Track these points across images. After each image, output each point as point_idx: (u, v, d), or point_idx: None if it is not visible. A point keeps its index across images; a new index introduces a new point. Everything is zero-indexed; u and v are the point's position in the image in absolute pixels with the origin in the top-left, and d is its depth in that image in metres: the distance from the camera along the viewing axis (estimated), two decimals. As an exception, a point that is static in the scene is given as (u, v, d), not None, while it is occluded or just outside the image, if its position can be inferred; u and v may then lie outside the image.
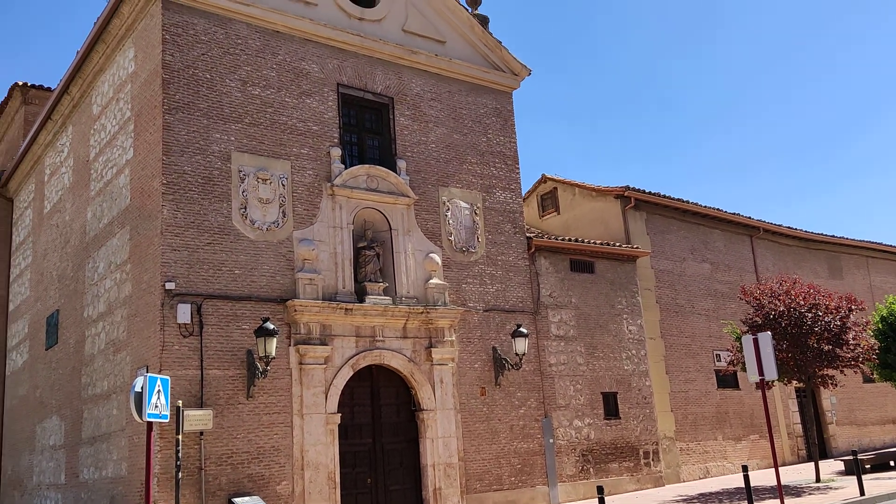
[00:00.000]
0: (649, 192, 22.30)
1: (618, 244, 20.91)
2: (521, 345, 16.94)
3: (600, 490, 11.02)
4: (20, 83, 23.69)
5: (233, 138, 14.88)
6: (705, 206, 23.93)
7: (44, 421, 18.60)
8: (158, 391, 9.83)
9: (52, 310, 19.00)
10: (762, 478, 19.45)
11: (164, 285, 13.51)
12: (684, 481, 20.80)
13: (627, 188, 21.89)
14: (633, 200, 21.88)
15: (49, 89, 22.92)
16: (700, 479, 21.31)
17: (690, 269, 23.40)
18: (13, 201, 23.40)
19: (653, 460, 19.88)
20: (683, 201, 23.23)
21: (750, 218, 25.49)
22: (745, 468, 12.40)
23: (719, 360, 22.72)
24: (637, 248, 21.21)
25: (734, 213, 24.98)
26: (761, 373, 14.02)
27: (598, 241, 20.61)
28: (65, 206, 19.06)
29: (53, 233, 19.64)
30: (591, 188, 22.92)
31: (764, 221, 26.00)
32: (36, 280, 20.57)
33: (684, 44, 61.23)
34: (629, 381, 19.99)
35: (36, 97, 23.69)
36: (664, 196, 22.66)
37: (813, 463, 19.09)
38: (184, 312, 13.56)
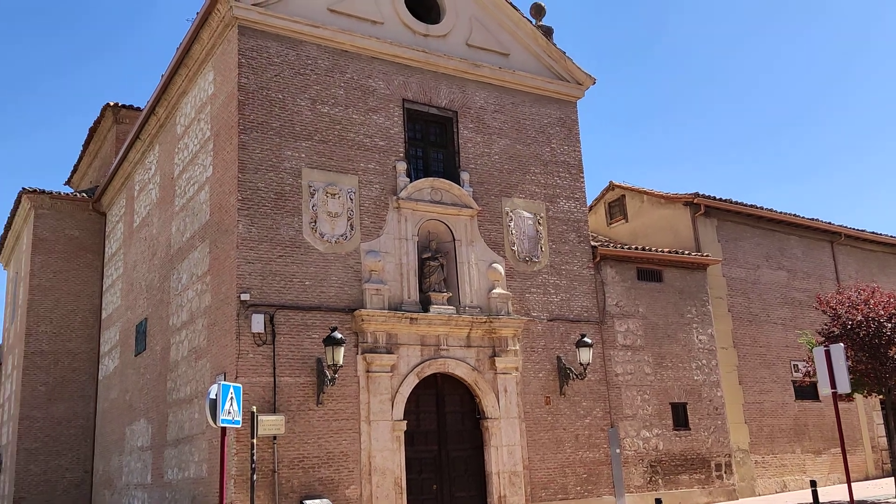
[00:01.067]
0: (720, 199, 21.95)
1: (687, 252, 20.68)
2: (585, 355, 17.01)
3: (658, 502, 11.02)
4: (111, 103, 25.22)
5: (303, 155, 15.56)
6: (781, 212, 23.36)
7: (133, 423, 19.76)
8: (231, 398, 10.45)
9: (140, 318, 20.18)
10: (842, 492, 18.85)
11: (239, 296, 14.26)
12: (759, 495, 20.35)
13: (697, 195, 21.61)
14: (702, 207, 21.59)
15: (138, 109, 24.30)
16: (777, 492, 20.79)
17: (765, 277, 22.87)
18: (106, 215, 24.92)
19: (725, 473, 19.54)
20: (757, 207, 22.75)
21: (830, 223, 24.71)
22: (813, 483, 12.20)
23: (797, 371, 22.11)
24: (707, 255, 20.91)
25: (813, 219, 24.27)
26: (833, 386, 13.69)
27: (666, 250, 20.44)
28: (152, 220, 20.23)
29: (142, 245, 20.86)
30: (660, 195, 22.71)
31: (845, 227, 25.15)
32: (126, 290, 21.87)
33: (757, 39, 59.46)
34: (699, 391, 19.72)
35: (126, 116, 25.19)
36: (736, 202, 22.25)
37: (894, 478, 18.38)
38: (258, 322, 14.27)
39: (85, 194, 25.36)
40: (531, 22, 19.33)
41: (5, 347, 28.55)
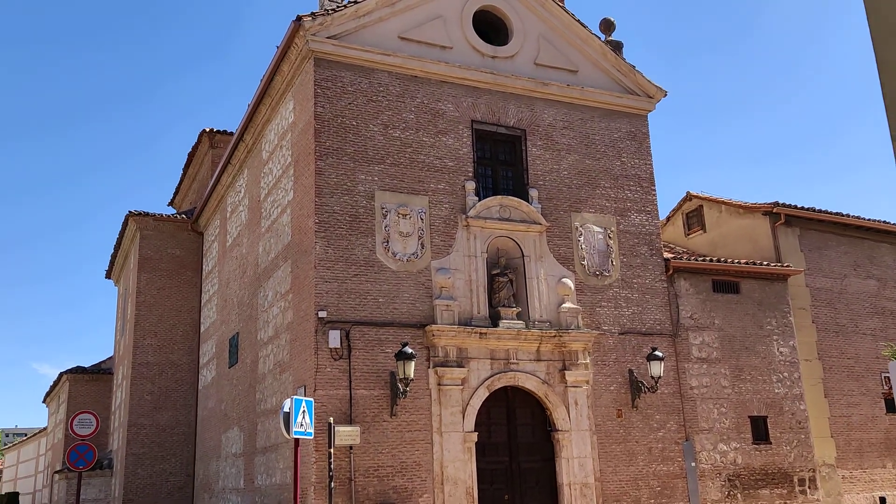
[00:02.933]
0: (802, 208, 21.44)
1: (766, 263, 20.31)
2: (656, 368, 17.06)
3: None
4: (207, 129, 26.99)
5: (376, 178, 16.36)
6: (869, 219, 22.55)
7: (227, 431, 21.09)
8: (304, 411, 11.27)
9: (233, 332, 21.54)
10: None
11: (317, 313, 15.16)
12: (847, 511, 19.73)
13: (776, 204, 21.19)
14: (782, 217, 21.14)
15: (231, 133, 25.89)
16: (868, 509, 20.09)
17: (853, 287, 22.14)
18: (203, 235, 26.62)
19: (809, 488, 19.07)
20: (842, 215, 22.06)
21: (925, 229, 23.60)
22: (882, 500, 11.88)
23: (888, 384, 21.27)
24: (788, 266, 20.47)
25: (905, 225, 23.28)
26: (911, 401, 13.31)
27: (742, 261, 20.15)
28: (242, 240, 21.57)
29: (234, 264, 22.26)
30: (738, 205, 22.37)
31: (943, 233, 23.95)
32: (221, 305, 23.35)
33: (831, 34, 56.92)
34: (780, 404, 19.33)
35: (221, 141, 26.88)
36: (819, 210, 21.67)
37: None
38: (334, 338, 15.13)
39: (184, 215, 27.17)
40: (600, 38, 19.55)
41: (116, 359, 30.83)
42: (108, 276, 32.81)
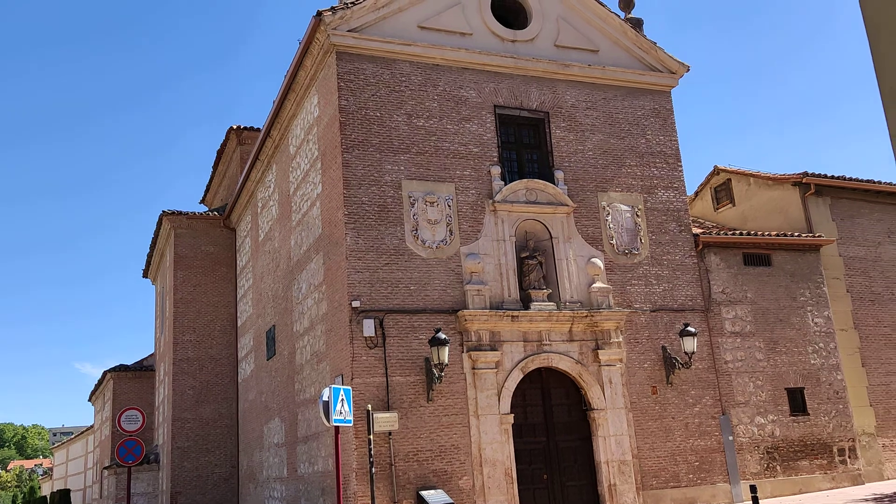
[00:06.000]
0: (831, 177, 21.21)
1: (797, 234, 20.16)
2: (689, 344, 17.10)
3: (753, 489, 11.19)
4: (235, 126, 27.35)
5: (402, 168, 16.56)
6: (902, 185, 22.22)
7: (269, 422, 21.56)
8: (342, 399, 11.55)
9: (269, 325, 21.96)
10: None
11: (350, 303, 15.44)
12: (889, 479, 19.61)
13: (806, 174, 20.99)
14: (812, 187, 20.94)
15: (258, 130, 26.22)
16: (910, 477, 19.95)
17: (888, 254, 21.88)
18: (236, 231, 27.08)
19: (849, 458, 19.00)
20: (874, 182, 21.78)
21: (961, 192, 23.19)
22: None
23: (928, 350, 21.04)
24: (820, 236, 20.30)
25: (941, 188, 22.89)
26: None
27: (773, 233, 20.02)
28: (274, 234, 21.94)
29: (267, 258, 22.66)
30: (767, 177, 22.19)
31: (980, 194, 23.51)
32: (256, 299, 23.79)
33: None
34: (817, 375, 19.25)
35: (249, 138, 27.23)
36: (850, 178, 21.42)
37: None
38: (368, 326, 15.41)
39: (216, 213, 27.64)
40: (619, 16, 19.47)
41: (157, 356, 31.56)
42: (145, 275, 33.52)
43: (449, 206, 16.63)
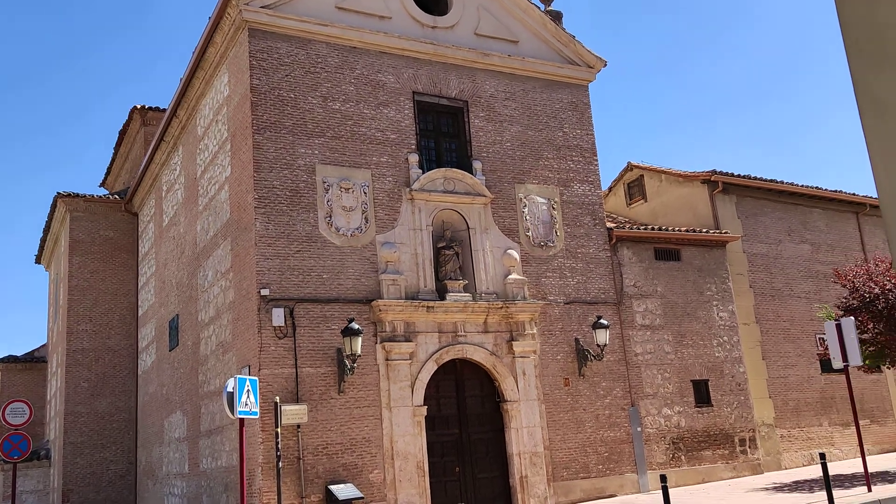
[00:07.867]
0: (738, 175, 21.88)
1: (705, 230, 20.69)
2: (601, 336, 17.24)
3: (663, 478, 11.30)
4: (138, 106, 26.00)
5: (316, 152, 15.98)
6: (802, 185, 23.18)
7: (170, 416, 20.56)
8: (248, 391, 10.98)
9: (172, 314, 20.93)
10: (870, 464, 18.81)
11: (259, 291, 14.79)
12: (786, 468, 20.42)
13: (714, 172, 21.57)
14: (720, 184, 21.55)
15: (164, 110, 24.98)
16: (804, 465, 20.83)
17: (788, 252, 22.77)
18: (138, 216, 25.74)
19: (749, 448, 19.65)
20: (777, 182, 22.61)
21: (854, 194, 24.42)
22: (822, 455, 12.28)
23: (822, 345, 22.00)
24: (726, 233, 20.90)
25: (836, 191, 24.03)
26: (845, 359, 13.78)
27: (683, 228, 20.49)
28: (179, 219, 20.91)
29: (171, 244, 21.59)
30: (678, 174, 22.70)
31: (871, 197, 24.79)
32: (159, 287, 22.66)
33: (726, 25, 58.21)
34: (721, 367, 19.82)
35: (153, 118, 25.93)
36: (754, 178, 22.15)
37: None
38: (278, 316, 14.79)
39: (117, 196, 26.20)
40: (539, 8, 19.44)
41: (49, 346, 29.74)
42: (37, 260, 31.51)
43: (365, 192, 16.18)
